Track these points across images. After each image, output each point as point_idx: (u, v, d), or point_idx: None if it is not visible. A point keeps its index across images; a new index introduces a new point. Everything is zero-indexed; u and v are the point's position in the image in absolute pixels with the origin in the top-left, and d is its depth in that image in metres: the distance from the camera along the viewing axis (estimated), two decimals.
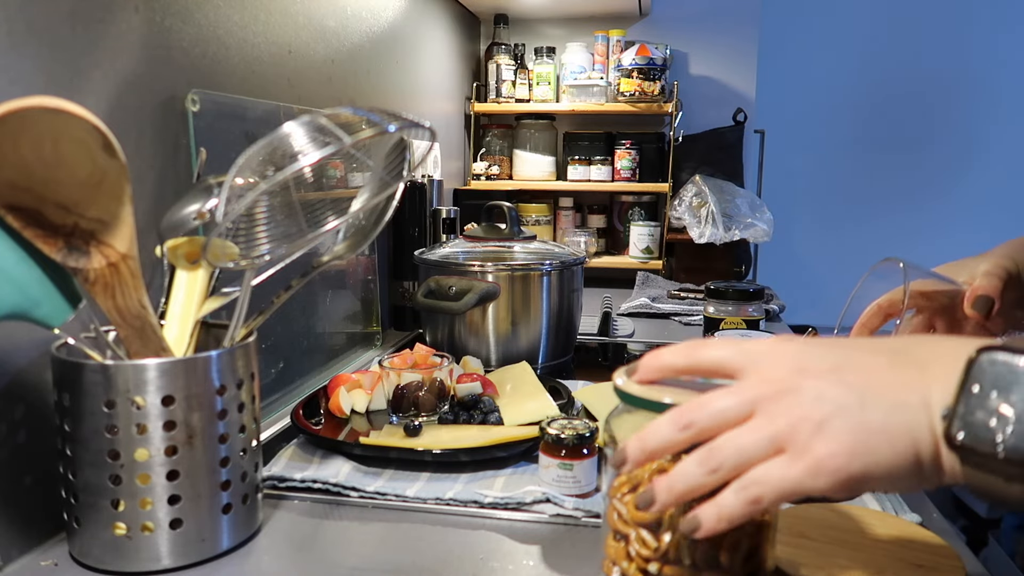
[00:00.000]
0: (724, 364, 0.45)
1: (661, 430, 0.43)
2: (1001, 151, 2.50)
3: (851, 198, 2.59)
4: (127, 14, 0.72)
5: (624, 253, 2.07)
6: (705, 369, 0.46)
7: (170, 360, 0.58)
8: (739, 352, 0.45)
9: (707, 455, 0.42)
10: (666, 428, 0.43)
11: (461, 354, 1.06)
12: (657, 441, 0.44)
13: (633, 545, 0.48)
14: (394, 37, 1.44)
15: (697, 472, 0.42)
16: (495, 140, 2.09)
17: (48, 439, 0.60)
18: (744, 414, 0.42)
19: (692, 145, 2.03)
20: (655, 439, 0.44)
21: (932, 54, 2.49)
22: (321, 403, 0.92)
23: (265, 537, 0.64)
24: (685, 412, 0.43)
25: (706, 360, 0.46)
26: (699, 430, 0.42)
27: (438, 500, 0.70)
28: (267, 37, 0.97)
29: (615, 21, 2.12)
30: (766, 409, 0.42)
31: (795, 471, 0.40)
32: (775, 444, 0.41)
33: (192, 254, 0.64)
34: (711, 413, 0.42)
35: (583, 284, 1.20)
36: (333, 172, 0.84)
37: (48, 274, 0.53)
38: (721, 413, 0.42)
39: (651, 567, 0.47)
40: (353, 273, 1.20)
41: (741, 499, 0.41)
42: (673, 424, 0.43)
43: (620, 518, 0.49)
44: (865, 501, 0.68)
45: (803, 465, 0.40)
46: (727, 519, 0.41)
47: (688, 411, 0.43)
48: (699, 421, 0.43)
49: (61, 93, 0.56)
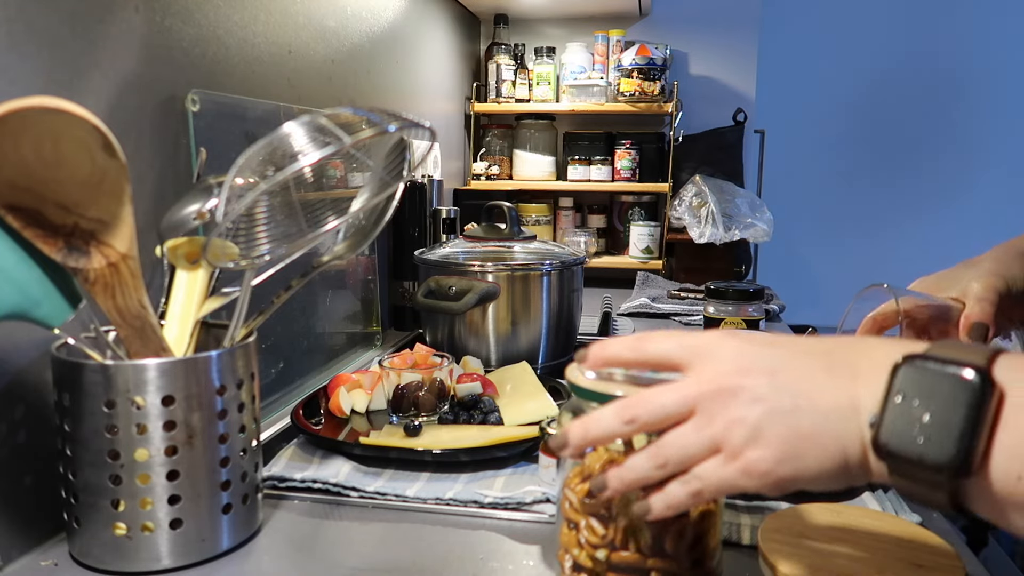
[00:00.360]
0: (668, 358, 0.46)
1: (605, 420, 0.46)
2: (1003, 151, 2.50)
3: (851, 198, 2.59)
4: (127, 14, 0.72)
5: (624, 253, 2.07)
6: (650, 362, 0.47)
7: (170, 360, 0.58)
8: (682, 347, 0.46)
9: (656, 452, 0.44)
10: (610, 419, 0.45)
11: (461, 354, 1.06)
12: (600, 430, 0.46)
13: (583, 533, 0.50)
14: (394, 37, 1.44)
15: (647, 466, 0.45)
16: (495, 140, 2.09)
17: (48, 439, 0.60)
18: (685, 412, 0.44)
19: (692, 145, 2.03)
20: (598, 428, 0.46)
21: (932, 53, 2.49)
22: (321, 403, 0.92)
23: (265, 537, 0.64)
24: (629, 406, 0.45)
25: (651, 353, 0.47)
26: (641, 424, 0.45)
27: (438, 500, 0.70)
28: (267, 37, 0.97)
29: (615, 21, 2.12)
30: (705, 408, 0.43)
31: (729, 471, 0.42)
32: (713, 444, 0.43)
33: (192, 254, 0.64)
34: (653, 409, 0.44)
35: (583, 284, 1.20)
36: (333, 172, 0.84)
37: (48, 274, 0.53)
38: (663, 409, 0.44)
39: (599, 554, 0.49)
40: (353, 273, 1.20)
41: (685, 491, 0.44)
42: (617, 416, 0.45)
43: (572, 507, 0.51)
44: (865, 501, 0.68)
45: (736, 466, 0.42)
46: (674, 507, 0.44)
47: (632, 405, 0.45)
48: (642, 416, 0.45)
49: (61, 93, 0.56)
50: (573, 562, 0.51)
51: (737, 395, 0.43)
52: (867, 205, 2.58)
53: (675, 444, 0.44)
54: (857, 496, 0.69)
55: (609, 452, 0.50)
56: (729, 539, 0.62)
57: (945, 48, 2.48)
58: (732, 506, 0.67)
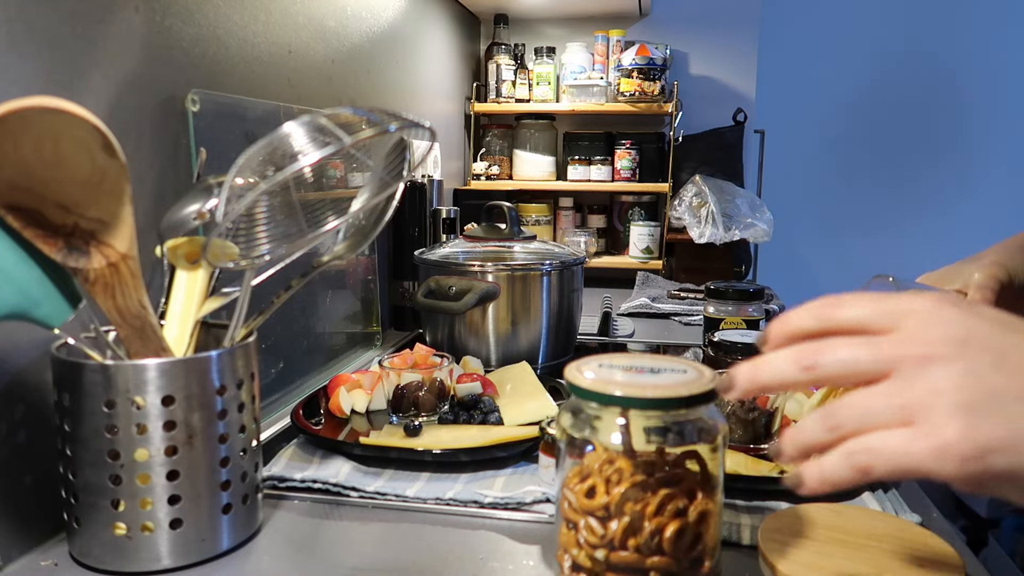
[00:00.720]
0: (864, 324, 0.40)
1: (779, 364, 0.40)
2: (1003, 151, 2.50)
3: (851, 198, 2.59)
4: (127, 14, 0.72)
5: (624, 253, 2.07)
6: (840, 330, 0.41)
7: (170, 360, 0.58)
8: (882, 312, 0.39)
9: (830, 411, 0.38)
10: (785, 363, 0.40)
11: (461, 354, 1.06)
12: (771, 375, 0.40)
13: (582, 533, 0.50)
14: (394, 37, 1.44)
15: (816, 428, 0.39)
16: (495, 140, 2.09)
17: (48, 439, 0.60)
18: (877, 371, 0.38)
19: (692, 145, 2.03)
20: (770, 372, 0.40)
21: (932, 53, 2.49)
22: (321, 403, 0.92)
23: (265, 537, 0.64)
24: (811, 352, 0.39)
25: (841, 320, 0.40)
26: (822, 374, 0.39)
27: (438, 500, 0.70)
28: (267, 37, 0.97)
29: (615, 21, 2.12)
30: (905, 371, 0.37)
31: (918, 448, 0.36)
32: (904, 413, 0.36)
33: (192, 254, 0.64)
34: (840, 359, 0.38)
35: (583, 284, 1.20)
36: (333, 172, 0.84)
37: (48, 274, 0.53)
38: (851, 363, 0.38)
39: (598, 554, 0.49)
40: (353, 273, 1.20)
41: (847, 464, 0.37)
42: (795, 361, 0.40)
43: (571, 507, 0.51)
44: (865, 501, 0.68)
45: (929, 444, 0.35)
46: (830, 482, 0.38)
47: (815, 352, 0.39)
48: (824, 365, 0.39)
49: (61, 93, 0.56)
50: (572, 562, 0.51)
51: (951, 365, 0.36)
52: (867, 205, 2.58)
53: (857, 405, 0.38)
54: (857, 496, 0.69)
55: (608, 452, 0.50)
56: (729, 539, 0.62)
57: (945, 48, 2.48)
58: (732, 506, 0.67)
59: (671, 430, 0.49)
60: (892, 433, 0.36)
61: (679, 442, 0.49)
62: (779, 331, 0.43)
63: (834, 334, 0.41)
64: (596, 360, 0.53)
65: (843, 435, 0.38)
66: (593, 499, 0.49)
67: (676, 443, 0.49)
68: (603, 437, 0.50)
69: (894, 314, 0.39)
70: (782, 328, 0.43)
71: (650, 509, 0.48)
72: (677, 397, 0.48)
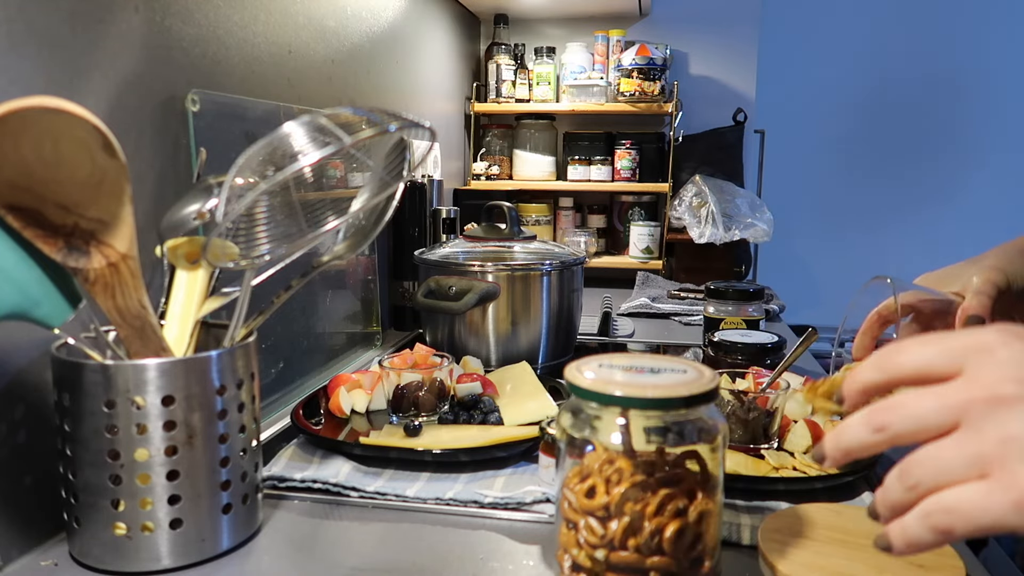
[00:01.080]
0: (928, 370, 0.38)
1: (854, 430, 0.39)
2: (1004, 152, 2.50)
3: (851, 198, 2.59)
4: (127, 14, 0.72)
5: (624, 253, 2.07)
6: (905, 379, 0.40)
7: (170, 360, 0.58)
8: (945, 351, 0.38)
9: (905, 470, 0.37)
10: (859, 428, 0.39)
11: (461, 354, 1.06)
12: (850, 441, 0.39)
13: (582, 533, 0.50)
14: (394, 37, 1.44)
15: (897, 487, 0.37)
16: (495, 140, 2.09)
17: (48, 439, 0.60)
18: (946, 423, 0.36)
19: (692, 145, 2.03)
20: (848, 439, 0.40)
21: (933, 53, 2.49)
22: (321, 403, 0.92)
23: (265, 537, 0.64)
24: (879, 412, 0.38)
25: (905, 368, 0.39)
26: (894, 434, 0.38)
27: (438, 500, 0.70)
28: (267, 37, 0.97)
29: (615, 21, 2.12)
30: (973, 420, 0.35)
31: (997, 503, 0.34)
32: (979, 464, 0.35)
33: (192, 254, 0.64)
34: (908, 416, 0.37)
35: (583, 284, 1.20)
36: (333, 172, 0.84)
37: (48, 274, 0.53)
38: (919, 419, 0.37)
39: (598, 553, 0.49)
40: (353, 273, 1.20)
41: (927, 527, 0.36)
42: (867, 425, 0.39)
43: (571, 507, 0.51)
44: (865, 501, 0.68)
45: (1008, 498, 0.33)
46: (913, 546, 0.37)
47: (882, 411, 0.38)
48: (893, 424, 0.38)
49: (61, 93, 0.56)
50: (572, 562, 0.51)
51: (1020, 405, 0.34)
52: (867, 205, 2.58)
53: (930, 461, 0.36)
54: (857, 496, 0.69)
55: (608, 452, 0.50)
56: (729, 539, 0.62)
57: (945, 48, 2.48)
58: (732, 506, 0.67)
59: (671, 430, 0.49)
60: (968, 488, 0.35)
61: (679, 442, 0.49)
62: (851, 389, 0.42)
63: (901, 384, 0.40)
64: (596, 360, 0.53)
65: (922, 493, 0.36)
66: (593, 499, 0.49)
67: (676, 443, 0.49)
68: (603, 437, 0.50)
69: (957, 353, 0.38)
70: (853, 385, 0.42)
71: (650, 509, 0.48)
72: (677, 397, 0.48)
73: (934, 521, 0.35)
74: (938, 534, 0.35)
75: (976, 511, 0.34)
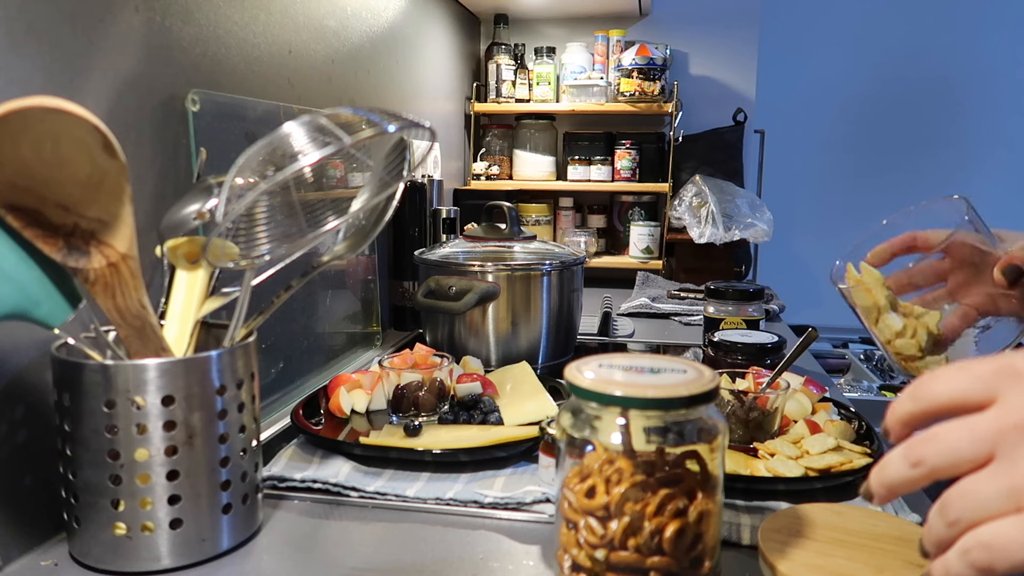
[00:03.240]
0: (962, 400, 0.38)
1: (894, 465, 0.39)
2: (1003, 152, 2.50)
3: (851, 198, 2.59)
4: (127, 14, 0.72)
5: (624, 253, 2.07)
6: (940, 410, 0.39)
7: (170, 360, 0.58)
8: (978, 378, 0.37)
9: (945, 505, 0.36)
10: (898, 463, 0.39)
11: (461, 354, 1.06)
12: (891, 476, 0.39)
13: (582, 533, 0.50)
14: (394, 37, 1.44)
15: (939, 524, 0.37)
16: (495, 140, 2.09)
17: (48, 439, 0.60)
18: (980, 455, 0.36)
19: (692, 145, 2.03)
20: (890, 475, 0.39)
21: (933, 53, 2.49)
22: (321, 403, 0.92)
23: (265, 537, 0.64)
24: (916, 446, 0.38)
25: (939, 398, 0.39)
26: (931, 468, 0.37)
27: (438, 500, 0.70)
28: (267, 37, 0.97)
29: (615, 21, 2.12)
30: (1007, 451, 0.35)
31: None
32: (1015, 497, 0.34)
33: (192, 254, 0.64)
34: (943, 450, 0.37)
35: (583, 284, 1.20)
36: (333, 172, 0.84)
37: (48, 274, 0.53)
38: (954, 451, 0.36)
39: (598, 554, 0.49)
40: (353, 273, 1.20)
41: (967, 563, 0.35)
42: (905, 459, 0.38)
43: (570, 507, 0.51)
44: (865, 501, 0.68)
45: None
46: None
47: (918, 445, 0.38)
48: (930, 458, 0.37)
49: (61, 93, 0.56)
50: (572, 562, 0.51)
51: None
52: (867, 205, 2.58)
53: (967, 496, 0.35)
54: (857, 496, 0.69)
55: (608, 452, 0.50)
56: (729, 539, 0.62)
57: (945, 47, 2.48)
58: (732, 506, 0.67)
59: (671, 430, 0.49)
60: (1005, 523, 0.34)
61: (679, 442, 0.49)
62: (891, 421, 0.41)
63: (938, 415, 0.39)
64: (596, 360, 0.53)
65: (963, 528, 0.35)
66: (593, 499, 0.49)
67: (676, 443, 0.49)
68: (603, 437, 0.50)
69: (989, 381, 0.37)
70: (892, 417, 0.41)
71: (650, 509, 0.48)
72: (677, 397, 0.48)
73: (973, 558, 0.35)
74: (979, 571, 0.34)
75: (1014, 546, 0.33)
